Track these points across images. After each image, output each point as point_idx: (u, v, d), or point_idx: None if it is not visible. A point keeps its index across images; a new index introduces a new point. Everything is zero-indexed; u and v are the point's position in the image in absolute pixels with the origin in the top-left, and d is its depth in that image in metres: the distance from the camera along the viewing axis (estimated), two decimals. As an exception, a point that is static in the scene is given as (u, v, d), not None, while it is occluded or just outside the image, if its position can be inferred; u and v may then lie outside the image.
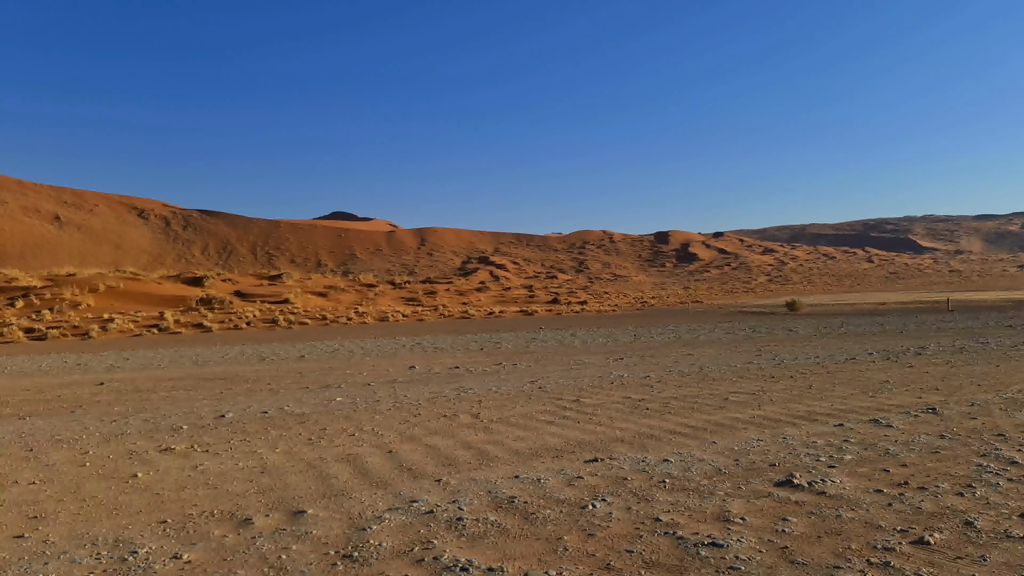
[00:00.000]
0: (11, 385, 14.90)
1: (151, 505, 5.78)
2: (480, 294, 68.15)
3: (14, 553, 4.73)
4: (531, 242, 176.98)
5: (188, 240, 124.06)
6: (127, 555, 4.67)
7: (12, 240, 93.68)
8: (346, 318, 45.70)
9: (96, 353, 24.23)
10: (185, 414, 10.31)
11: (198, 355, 22.20)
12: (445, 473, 6.58)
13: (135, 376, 16.17)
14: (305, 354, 21.51)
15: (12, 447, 8.17)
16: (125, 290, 47.67)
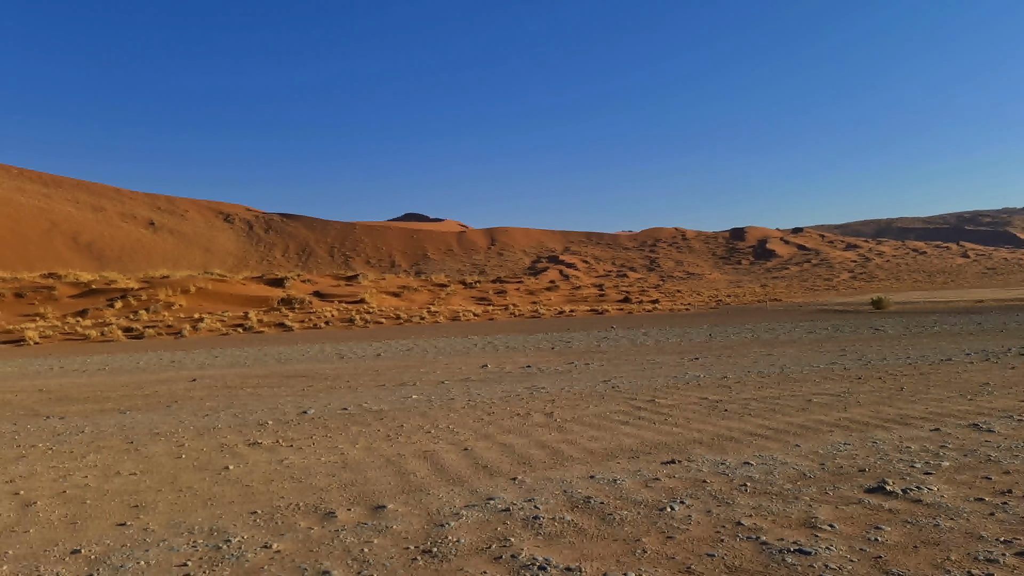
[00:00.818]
0: (112, 381, 15.87)
1: (242, 496, 6.04)
2: (550, 293, 68.12)
3: (117, 540, 5.03)
4: (601, 240, 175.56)
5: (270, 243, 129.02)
6: (221, 543, 4.90)
7: (111, 245, 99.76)
8: (419, 317, 46.55)
9: (188, 351, 25.53)
10: (270, 410, 10.73)
11: (280, 353, 23.06)
12: (520, 471, 6.61)
13: (224, 373, 16.94)
14: (381, 352, 22.02)
15: (114, 440, 8.70)
16: (213, 291, 50.04)
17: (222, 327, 40.42)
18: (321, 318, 44.44)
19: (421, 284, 64.47)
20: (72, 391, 13.96)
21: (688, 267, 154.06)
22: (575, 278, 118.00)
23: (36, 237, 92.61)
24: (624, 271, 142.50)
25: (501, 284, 71.20)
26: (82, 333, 35.74)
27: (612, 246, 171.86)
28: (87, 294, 47.34)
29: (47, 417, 10.68)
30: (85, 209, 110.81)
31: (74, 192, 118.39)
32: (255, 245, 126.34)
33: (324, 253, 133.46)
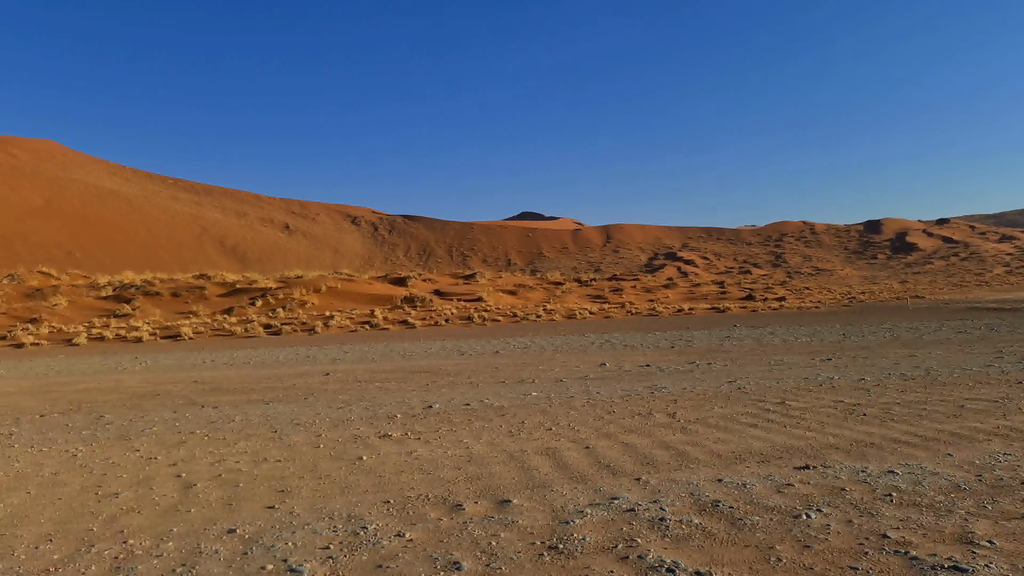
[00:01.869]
0: (256, 374, 17.13)
1: (375, 486, 6.35)
2: (668, 291, 66.60)
3: (267, 522, 5.44)
4: (722, 236, 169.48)
5: (393, 243, 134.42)
6: (358, 530, 5.18)
7: (252, 247, 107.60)
8: (535, 315, 46.94)
9: (321, 346, 27.11)
10: (398, 404, 11.20)
11: (405, 349, 23.99)
12: (644, 472, 6.52)
13: (354, 368, 17.85)
14: (499, 350, 22.40)
15: (261, 428, 9.39)
16: (342, 290, 52.85)
17: (351, 324, 42.61)
18: (441, 316, 45.83)
19: (537, 282, 64.99)
20: (223, 383, 15.20)
21: (817, 262, 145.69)
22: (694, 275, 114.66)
23: (189, 241, 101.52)
24: (747, 267, 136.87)
25: (617, 282, 70.45)
26: (229, 329, 38.79)
27: (734, 242, 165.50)
28: (232, 293, 51.36)
29: (202, 406, 11.69)
30: (230, 215, 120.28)
31: (221, 200, 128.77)
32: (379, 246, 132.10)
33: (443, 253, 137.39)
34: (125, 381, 16.08)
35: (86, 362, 22.60)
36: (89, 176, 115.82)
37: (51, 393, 14.05)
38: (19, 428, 9.96)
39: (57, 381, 16.58)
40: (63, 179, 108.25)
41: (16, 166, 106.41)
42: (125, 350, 28.45)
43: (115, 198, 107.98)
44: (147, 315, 43.25)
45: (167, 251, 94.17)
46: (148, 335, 35.10)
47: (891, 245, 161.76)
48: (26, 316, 39.46)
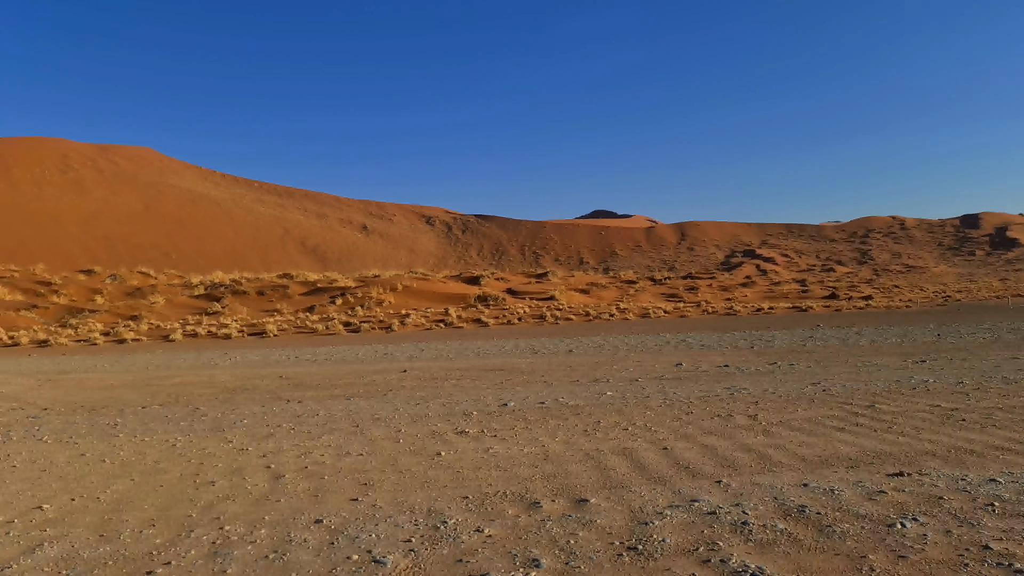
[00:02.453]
0: (337, 371, 17.69)
1: (454, 481, 6.46)
2: (746, 289, 64.74)
3: (352, 513, 5.61)
4: (803, 232, 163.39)
5: (466, 243, 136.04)
6: (439, 524, 5.28)
7: (332, 248, 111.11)
8: (608, 314, 46.55)
9: (398, 344, 27.75)
10: (474, 401, 11.34)
11: (479, 348, 24.26)
12: (725, 475, 6.38)
13: (430, 365, 18.19)
14: (572, 348, 22.34)
15: (343, 423, 9.70)
16: (417, 289, 53.90)
17: (426, 322, 43.40)
18: (514, 314, 46.07)
19: (609, 281, 64.43)
20: (306, 378, 15.78)
21: (908, 259, 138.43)
22: (773, 273, 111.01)
23: (273, 242, 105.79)
24: (830, 265, 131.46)
25: (692, 280, 69.01)
26: (310, 327, 40.20)
27: (816, 238, 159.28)
28: (313, 292, 53.18)
29: (288, 401, 12.17)
30: (311, 216, 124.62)
31: (302, 202, 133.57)
32: (453, 245, 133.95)
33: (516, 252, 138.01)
34: (217, 376, 16.91)
35: (181, 357, 23.90)
36: (183, 181, 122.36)
37: (151, 386, 14.93)
38: (123, 419, 10.64)
39: (156, 375, 17.61)
40: (160, 184, 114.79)
41: (118, 173, 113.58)
42: (216, 346, 29.91)
43: (206, 202, 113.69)
44: (235, 313, 45.32)
45: (253, 252, 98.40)
46: (236, 332, 36.78)
47: (990, 241, 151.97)
48: (127, 313, 42.04)
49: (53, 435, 9.39)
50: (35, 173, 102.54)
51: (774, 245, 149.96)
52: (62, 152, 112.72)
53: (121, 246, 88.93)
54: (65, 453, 8.17)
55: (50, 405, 12.31)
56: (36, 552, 4.91)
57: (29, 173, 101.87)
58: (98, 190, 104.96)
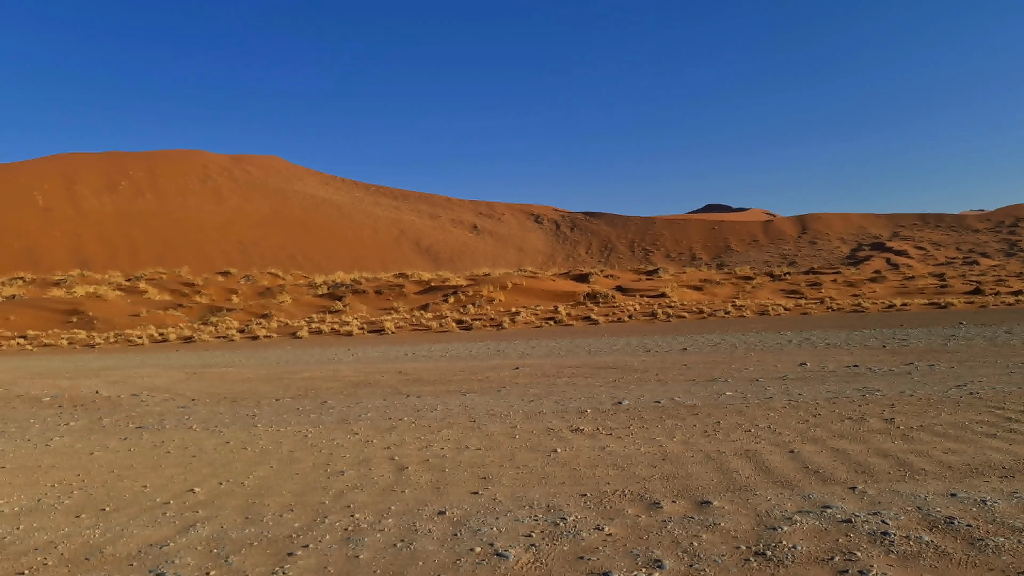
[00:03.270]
0: (452, 367, 18.16)
1: (571, 478, 6.47)
2: (875, 284, 60.64)
3: (472, 506, 5.75)
4: (940, 223, 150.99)
5: (575, 240, 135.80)
6: (558, 520, 5.31)
7: (444, 247, 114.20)
8: (723, 311, 45.01)
9: (509, 341, 28.12)
10: (587, 399, 11.30)
11: (590, 345, 24.14)
12: (860, 481, 6.01)
13: (542, 362, 18.30)
14: (687, 347, 21.78)
15: (460, 418, 9.95)
16: (527, 287, 54.38)
17: (535, 320, 43.71)
18: (624, 312, 45.50)
19: (724, 277, 62.25)
20: (423, 374, 16.30)
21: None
22: (906, 267, 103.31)
23: (389, 243, 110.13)
24: (973, 258, 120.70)
25: (815, 275, 65.45)
26: (425, 324, 41.50)
27: (956, 229, 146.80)
28: (427, 291, 54.86)
29: (407, 395, 12.62)
30: (424, 217, 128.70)
31: (416, 204, 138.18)
32: (561, 243, 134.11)
33: (625, 249, 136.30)
34: (341, 371, 17.79)
35: (308, 353, 25.34)
36: (307, 187, 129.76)
37: (283, 380, 15.93)
38: (260, 410, 11.42)
39: (287, 369, 18.76)
40: (286, 191, 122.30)
41: (249, 181, 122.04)
42: (338, 343, 31.50)
43: (328, 206, 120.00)
44: (355, 311, 47.54)
45: (371, 252, 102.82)
46: (357, 329, 38.56)
47: None
48: (259, 312, 45.09)
49: (200, 424, 10.23)
50: (179, 184, 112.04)
51: (907, 237, 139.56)
52: (202, 163, 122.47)
53: (253, 249, 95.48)
54: (212, 441, 8.87)
55: (197, 396, 13.40)
56: (190, 531, 5.36)
57: (174, 184, 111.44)
58: (233, 198, 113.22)
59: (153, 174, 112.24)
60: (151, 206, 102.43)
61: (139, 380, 16.47)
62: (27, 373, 19.25)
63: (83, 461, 7.94)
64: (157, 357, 25.48)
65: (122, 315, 41.16)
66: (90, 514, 5.86)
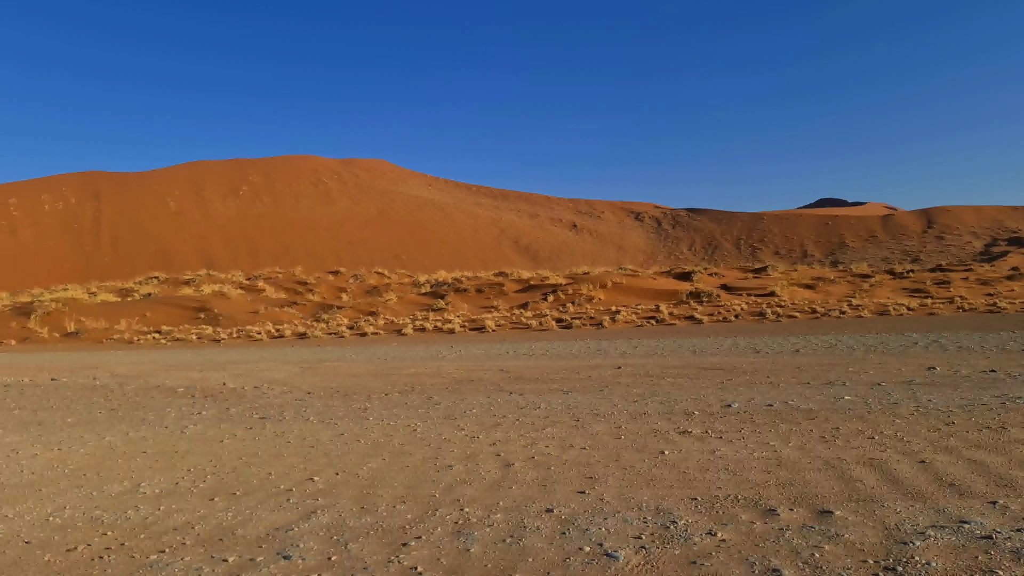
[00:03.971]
0: (553, 365, 18.19)
1: (680, 481, 6.32)
2: (1012, 283, 55.60)
3: (580, 505, 5.73)
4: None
5: (677, 238, 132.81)
6: (668, 523, 5.20)
7: (544, 246, 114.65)
8: (838, 311, 42.64)
9: (610, 340, 27.85)
10: (693, 400, 11.01)
11: (694, 345, 23.52)
12: (1001, 495, 5.53)
13: (644, 362, 18.01)
14: (799, 348, 20.80)
15: (564, 417, 9.94)
16: (627, 285, 53.67)
17: (636, 319, 43.07)
18: (730, 311, 44.02)
19: (839, 275, 58.97)
20: (525, 372, 16.42)
21: None
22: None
23: (489, 242, 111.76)
24: None
25: (942, 273, 60.82)
26: (525, 322, 41.80)
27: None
28: (526, 289, 55.24)
29: (510, 393, 12.75)
30: (524, 216, 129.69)
31: (516, 203, 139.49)
32: (663, 241, 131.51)
33: (730, 246, 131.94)
34: (445, 367, 18.22)
35: (413, 350, 26.12)
36: (411, 189, 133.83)
37: (390, 376, 16.49)
38: (370, 404, 11.87)
39: (393, 365, 19.41)
40: (392, 192, 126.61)
41: (358, 183, 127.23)
42: (441, 340, 32.28)
43: (431, 207, 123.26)
44: (457, 309, 48.54)
45: (472, 251, 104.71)
46: (459, 327, 39.37)
47: None
48: (367, 309, 46.92)
49: (316, 416, 10.76)
50: (293, 187, 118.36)
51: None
52: (313, 167, 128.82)
53: (361, 249, 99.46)
54: (328, 432, 9.31)
55: (312, 390, 14.11)
56: (311, 517, 5.64)
57: (288, 188, 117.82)
58: (343, 200, 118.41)
59: (270, 179, 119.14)
60: (268, 209, 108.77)
61: (260, 373, 17.52)
62: (162, 365, 20.91)
63: (214, 448, 8.53)
64: (275, 352, 27.02)
65: (243, 312, 43.94)
66: (222, 497, 6.29)
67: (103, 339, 37.20)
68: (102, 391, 14.64)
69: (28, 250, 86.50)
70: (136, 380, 16.40)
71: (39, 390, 15.11)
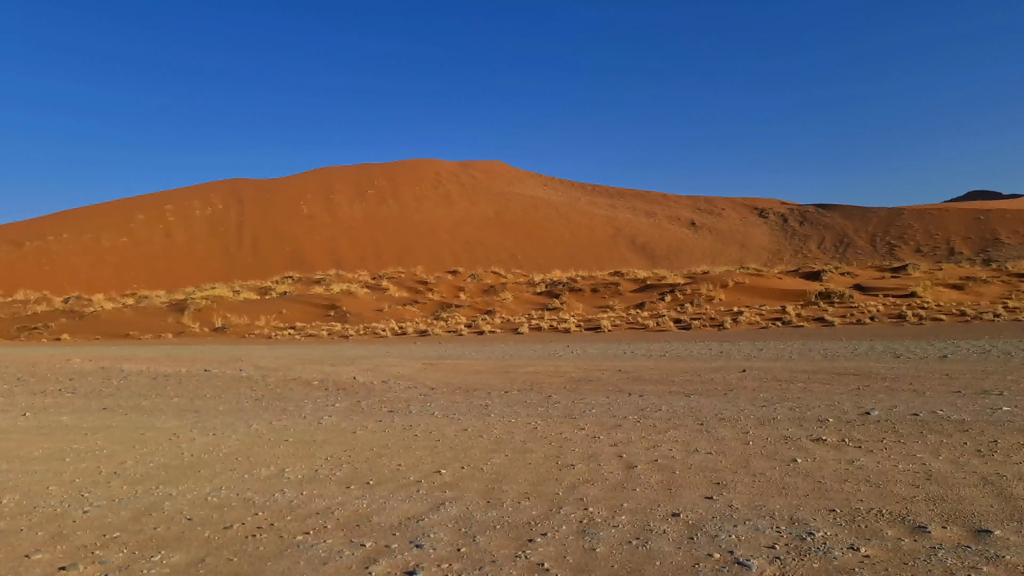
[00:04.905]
0: (672, 367, 17.80)
1: (815, 491, 6.02)
2: None
3: (707, 511, 5.58)
4: None
5: (804, 235, 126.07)
6: (804, 535, 4.96)
7: (660, 245, 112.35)
8: (992, 314, 38.87)
9: (732, 342, 26.88)
10: (827, 407, 10.43)
11: (825, 348, 22.25)
12: None
13: (770, 366, 17.24)
14: (947, 353, 19.17)
15: (687, 419, 9.71)
16: (750, 285, 51.54)
17: (760, 320, 41.27)
18: (864, 313, 41.24)
19: (992, 274, 53.73)
20: (643, 373, 16.17)
21: None
22: None
23: (605, 241, 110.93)
24: None
25: (1119, 271, 54.00)
26: (641, 323, 41.15)
27: None
28: (643, 289, 54.33)
29: (629, 394, 12.61)
30: (640, 215, 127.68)
31: (632, 201, 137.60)
32: (789, 238, 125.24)
33: (864, 243, 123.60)
34: (562, 366, 18.28)
35: (530, 348, 26.38)
36: (527, 189, 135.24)
37: (509, 373, 16.76)
38: (491, 401, 12.12)
39: (511, 363, 19.71)
40: (508, 193, 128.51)
41: (476, 185, 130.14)
42: (557, 339, 32.40)
43: (546, 206, 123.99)
44: (572, 309, 48.52)
45: (587, 251, 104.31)
46: (574, 327, 39.36)
47: None
48: (484, 308, 47.88)
49: (441, 411, 11.12)
50: (415, 190, 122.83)
51: None
52: (434, 170, 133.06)
53: (478, 249, 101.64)
54: (452, 427, 9.60)
55: (435, 385, 14.59)
56: (440, 509, 5.85)
57: (411, 191, 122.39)
58: (461, 202, 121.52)
59: (394, 182, 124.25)
60: (392, 211, 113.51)
61: (386, 369, 18.32)
62: (298, 359, 22.34)
63: (348, 439, 9.03)
64: (399, 348, 28.17)
65: (369, 310, 46.11)
66: (358, 486, 6.65)
67: (245, 334, 40.27)
68: (247, 382, 15.85)
69: (182, 252, 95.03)
70: (276, 373, 17.62)
71: (194, 380, 16.57)
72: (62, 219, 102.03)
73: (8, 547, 5.21)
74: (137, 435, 9.64)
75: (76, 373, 18.72)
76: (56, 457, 8.30)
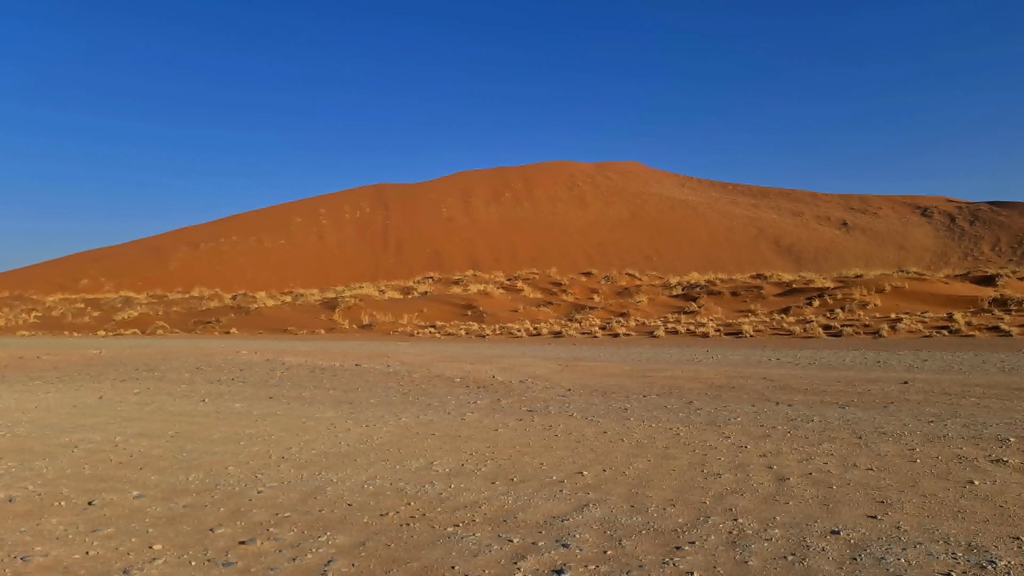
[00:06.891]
0: (823, 376, 16.75)
1: (997, 516, 5.47)
2: None
3: (871, 531, 5.23)
4: None
5: (975, 236, 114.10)
6: (984, 563, 4.54)
7: (808, 247, 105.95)
8: None
9: (891, 351, 24.86)
10: (1007, 425, 9.41)
11: (1003, 361, 20.04)
12: None
13: (937, 378, 15.79)
14: None
15: (842, 432, 9.12)
16: (910, 290, 47.41)
17: (923, 328, 37.86)
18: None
19: None
20: (791, 381, 15.35)
21: None
22: None
23: (746, 243, 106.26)
24: None
25: None
26: (787, 328, 39.03)
27: None
28: (788, 293, 51.50)
29: (776, 403, 12.02)
30: (785, 215, 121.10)
31: (777, 201, 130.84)
32: (957, 239, 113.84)
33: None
34: (702, 372, 17.74)
35: (666, 352, 25.82)
36: (663, 189, 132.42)
37: (646, 377, 16.50)
38: (630, 404, 12.01)
39: (648, 367, 19.39)
40: (644, 194, 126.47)
41: (611, 186, 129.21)
42: (694, 343, 31.45)
43: (683, 207, 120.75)
44: (710, 312, 46.92)
45: (726, 253, 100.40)
46: (713, 331, 38.02)
47: None
48: (618, 311, 47.42)
49: (579, 412, 11.17)
50: (550, 192, 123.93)
51: None
52: (569, 172, 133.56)
53: (612, 250, 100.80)
54: (591, 429, 9.62)
55: (572, 387, 14.66)
56: (584, 511, 5.89)
57: (546, 193, 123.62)
58: (595, 203, 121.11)
59: (529, 185, 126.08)
60: (527, 214, 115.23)
61: (523, 368, 18.64)
62: (440, 357, 23.24)
63: (491, 435, 9.29)
64: (534, 348, 28.54)
65: (504, 310, 47.09)
66: (502, 482, 6.84)
67: (390, 331, 42.45)
68: (394, 377, 16.71)
69: (333, 253, 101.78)
70: (420, 369, 18.45)
71: (347, 374, 17.71)
72: (232, 223, 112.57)
73: (196, 520, 5.84)
74: (300, 423, 10.46)
75: (245, 364, 20.60)
76: (232, 440, 9.19)
